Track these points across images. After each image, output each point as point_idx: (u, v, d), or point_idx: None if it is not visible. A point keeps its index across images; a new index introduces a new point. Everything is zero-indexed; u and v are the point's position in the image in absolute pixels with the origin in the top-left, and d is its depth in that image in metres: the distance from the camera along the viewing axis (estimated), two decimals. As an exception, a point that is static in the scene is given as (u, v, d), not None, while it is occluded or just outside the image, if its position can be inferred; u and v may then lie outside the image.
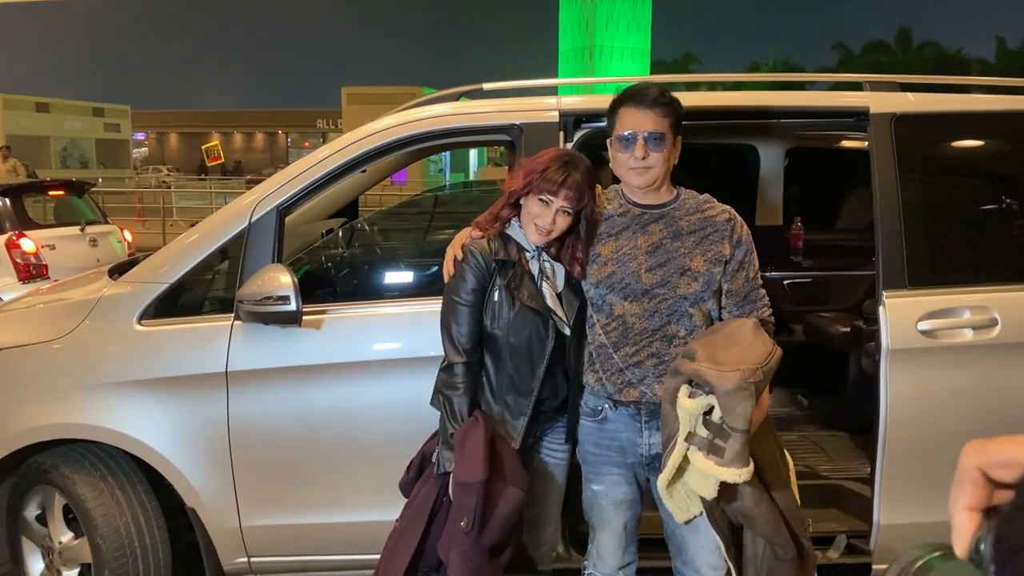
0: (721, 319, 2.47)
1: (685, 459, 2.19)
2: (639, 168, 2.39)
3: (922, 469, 2.95)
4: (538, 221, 2.43)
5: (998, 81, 3.57)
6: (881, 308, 2.93)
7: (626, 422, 2.46)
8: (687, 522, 2.37)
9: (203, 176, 33.84)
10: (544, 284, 2.49)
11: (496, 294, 2.44)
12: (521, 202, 2.49)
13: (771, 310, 2.53)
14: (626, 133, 2.39)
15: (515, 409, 2.47)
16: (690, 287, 2.39)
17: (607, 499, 2.53)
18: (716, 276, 2.41)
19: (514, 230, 2.52)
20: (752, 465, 2.12)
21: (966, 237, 3.22)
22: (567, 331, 2.51)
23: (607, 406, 2.47)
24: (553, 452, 2.66)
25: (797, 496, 2.46)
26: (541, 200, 2.41)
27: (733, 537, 2.34)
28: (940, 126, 3.17)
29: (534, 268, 2.49)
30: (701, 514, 2.31)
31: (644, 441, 2.44)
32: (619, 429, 2.47)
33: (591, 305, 2.51)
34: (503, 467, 2.38)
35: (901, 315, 2.91)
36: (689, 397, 2.17)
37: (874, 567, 3.03)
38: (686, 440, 2.16)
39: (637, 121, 2.38)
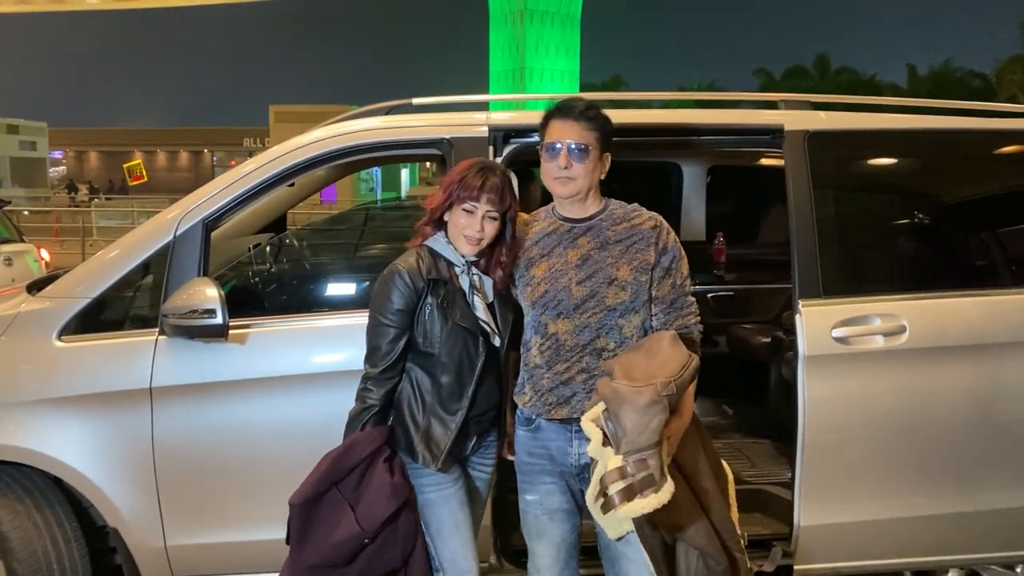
0: (654, 328, 2.51)
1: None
2: (562, 178, 2.47)
3: (838, 472, 3.06)
4: (467, 232, 2.45)
5: (907, 102, 3.77)
6: (797, 316, 3.05)
7: (557, 431, 2.50)
8: (620, 538, 2.37)
9: (90, 196, 32.95)
10: (475, 297, 2.50)
11: (427, 313, 2.44)
12: (445, 218, 2.51)
13: (699, 318, 2.57)
14: (551, 143, 2.47)
15: (443, 424, 2.47)
16: (618, 297, 2.43)
17: (542, 508, 2.55)
18: (644, 285, 2.45)
19: (441, 246, 2.52)
20: (670, 482, 2.12)
21: (877, 248, 3.38)
22: (497, 342, 2.53)
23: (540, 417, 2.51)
24: (480, 468, 2.68)
25: (735, 507, 2.49)
26: (465, 210, 2.45)
27: (664, 554, 2.34)
28: (851, 143, 3.34)
29: (464, 283, 2.50)
30: (633, 531, 2.32)
31: (573, 451, 2.48)
32: (550, 438, 2.51)
33: (529, 327, 2.55)
34: (362, 496, 2.43)
35: (816, 323, 3.03)
36: (592, 421, 2.22)
37: (796, 567, 3.12)
38: (601, 481, 2.17)
39: (562, 132, 2.46)
